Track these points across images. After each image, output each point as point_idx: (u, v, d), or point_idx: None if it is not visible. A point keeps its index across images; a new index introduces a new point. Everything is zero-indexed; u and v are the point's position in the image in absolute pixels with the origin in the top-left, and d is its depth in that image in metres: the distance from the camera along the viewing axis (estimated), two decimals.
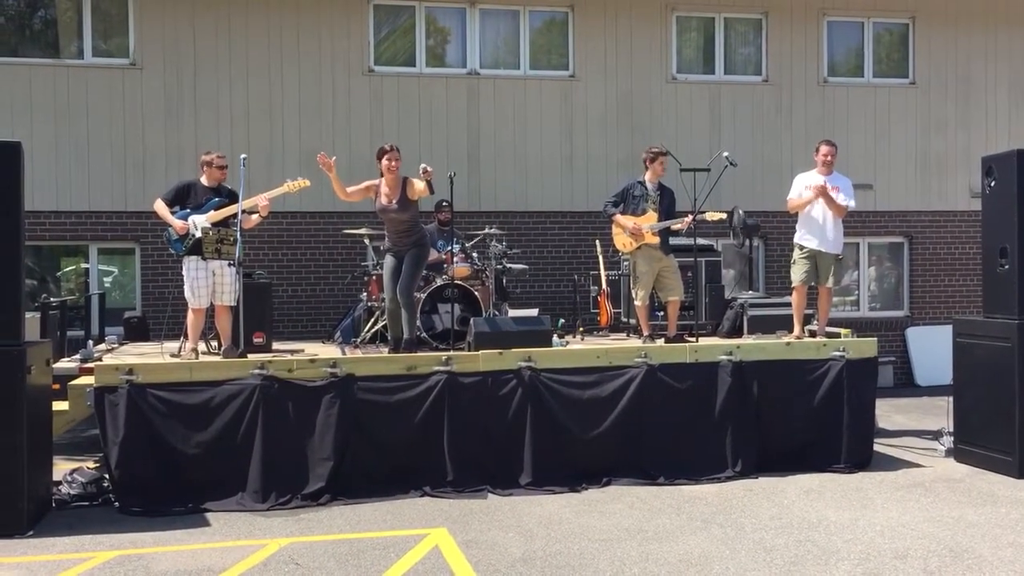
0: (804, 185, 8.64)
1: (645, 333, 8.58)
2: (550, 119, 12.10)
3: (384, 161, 7.70)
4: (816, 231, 8.56)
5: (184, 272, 7.71)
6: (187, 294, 7.71)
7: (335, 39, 11.59)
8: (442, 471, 7.13)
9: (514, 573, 5.34)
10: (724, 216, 8.74)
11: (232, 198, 7.73)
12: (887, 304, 13.51)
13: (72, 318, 9.99)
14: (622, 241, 8.64)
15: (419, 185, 7.63)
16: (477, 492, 7.09)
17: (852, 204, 8.57)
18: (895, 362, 13.01)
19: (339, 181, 7.71)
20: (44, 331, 8.36)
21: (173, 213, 7.69)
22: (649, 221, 8.44)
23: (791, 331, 8.70)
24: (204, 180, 7.83)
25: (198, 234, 7.58)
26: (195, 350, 7.67)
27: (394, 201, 7.72)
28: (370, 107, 11.64)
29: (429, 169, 7.50)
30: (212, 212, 7.66)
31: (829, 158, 8.58)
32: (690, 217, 8.41)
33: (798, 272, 8.64)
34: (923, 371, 12.94)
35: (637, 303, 8.64)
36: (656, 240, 8.46)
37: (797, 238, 8.71)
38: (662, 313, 9.06)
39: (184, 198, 7.76)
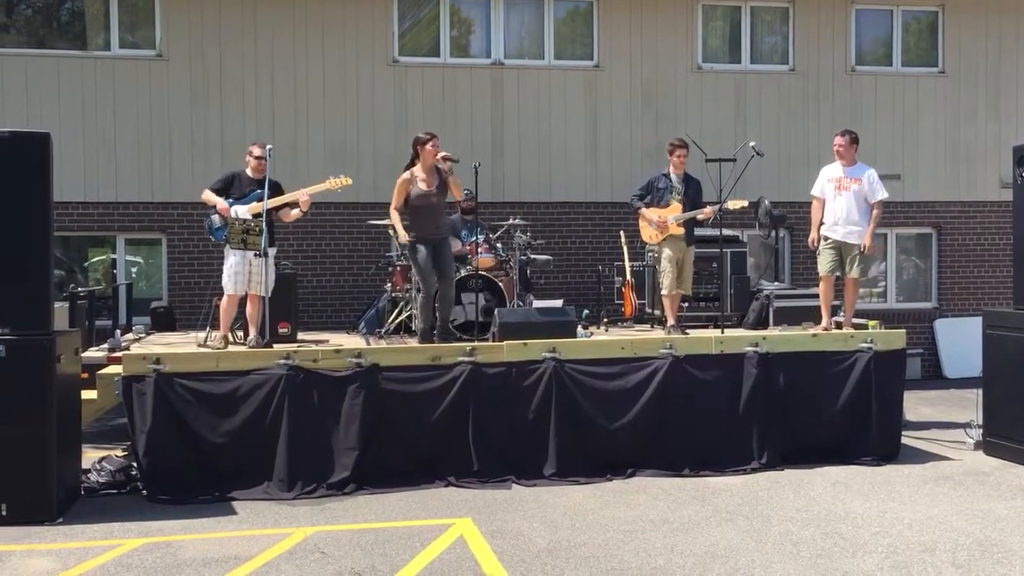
0: (827, 178, 8.56)
1: (670, 323, 8.54)
2: (574, 109, 12.04)
3: (428, 147, 7.70)
4: (841, 221, 8.46)
5: (225, 260, 7.80)
6: (224, 281, 7.80)
7: (359, 30, 11.58)
8: (467, 461, 7.14)
9: (539, 563, 5.35)
10: (746, 204, 8.69)
11: (274, 190, 7.81)
12: (915, 296, 13.37)
13: (100, 308, 10.07)
14: (648, 234, 8.64)
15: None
16: (501, 482, 7.09)
17: (884, 195, 8.48)
18: (923, 354, 12.86)
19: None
20: (72, 321, 8.44)
21: None
22: (674, 212, 8.44)
23: (817, 322, 8.63)
24: (249, 171, 7.94)
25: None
26: (226, 337, 7.75)
27: (434, 186, 7.75)
28: (394, 98, 11.63)
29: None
30: (253, 204, 7.74)
31: (839, 149, 8.49)
32: (712, 208, 8.38)
33: (824, 262, 8.56)
34: (951, 363, 12.80)
35: (663, 292, 8.61)
36: (681, 231, 8.48)
37: (823, 229, 8.63)
38: (686, 304, 9.02)
39: (229, 188, 7.89)
